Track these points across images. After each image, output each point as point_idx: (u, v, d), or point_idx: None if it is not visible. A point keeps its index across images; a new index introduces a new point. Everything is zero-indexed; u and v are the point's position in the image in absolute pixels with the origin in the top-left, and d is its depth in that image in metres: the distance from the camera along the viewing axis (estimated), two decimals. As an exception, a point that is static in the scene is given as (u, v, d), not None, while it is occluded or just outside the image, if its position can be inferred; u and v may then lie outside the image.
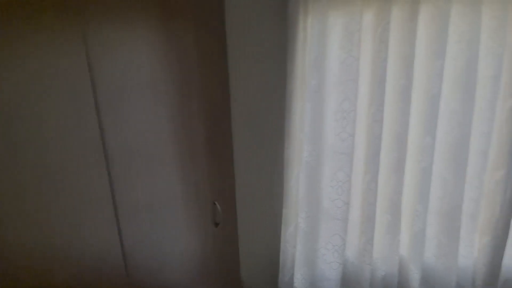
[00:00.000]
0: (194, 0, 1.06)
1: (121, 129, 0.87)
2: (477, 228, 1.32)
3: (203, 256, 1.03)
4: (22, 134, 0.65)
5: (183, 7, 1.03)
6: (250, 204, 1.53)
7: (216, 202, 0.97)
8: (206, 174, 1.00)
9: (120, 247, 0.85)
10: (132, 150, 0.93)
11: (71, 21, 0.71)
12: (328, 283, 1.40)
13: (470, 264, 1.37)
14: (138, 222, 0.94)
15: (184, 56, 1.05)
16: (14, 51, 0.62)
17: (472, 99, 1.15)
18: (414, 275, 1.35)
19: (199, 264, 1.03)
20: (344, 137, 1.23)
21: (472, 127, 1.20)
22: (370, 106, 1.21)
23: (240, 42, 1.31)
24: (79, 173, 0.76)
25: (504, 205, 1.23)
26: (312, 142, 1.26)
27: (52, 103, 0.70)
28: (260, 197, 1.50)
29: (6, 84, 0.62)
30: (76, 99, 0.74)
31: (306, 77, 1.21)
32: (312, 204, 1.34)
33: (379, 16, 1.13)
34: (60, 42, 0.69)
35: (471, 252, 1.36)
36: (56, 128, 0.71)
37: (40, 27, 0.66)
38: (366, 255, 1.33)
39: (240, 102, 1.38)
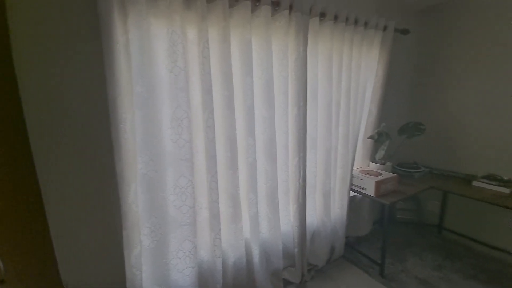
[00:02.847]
0: None
1: None
2: (289, 201, 1.69)
3: None
4: None
5: None
6: (82, 235, 1.16)
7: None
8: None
9: None
10: None
11: None
12: (184, 291, 1.30)
13: (289, 228, 1.74)
14: None
15: None
16: None
17: (273, 108, 1.46)
18: (255, 251, 1.53)
19: None
20: (181, 143, 1.18)
21: (276, 128, 1.53)
22: (203, 113, 1.24)
23: (39, 40, 0.96)
24: None
25: (300, 180, 1.64)
26: (147, 152, 1.12)
27: None
28: (93, 225, 1.17)
29: None
30: None
31: (132, 83, 1.06)
32: (157, 217, 1.19)
33: (200, 34, 1.18)
34: None
35: (288, 219, 1.72)
36: None
37: None
38: (216, 249, 1.35)
39: (46, 114, 1.00)
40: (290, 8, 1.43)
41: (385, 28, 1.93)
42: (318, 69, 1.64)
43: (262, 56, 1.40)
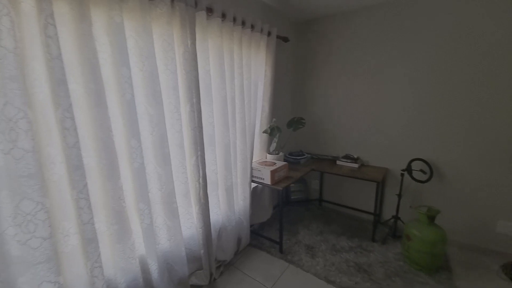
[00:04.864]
0: None
1: None
2: (191, 203, 1.60)
3: None
4: None
5: None
6: None
7: None
8: None
9: None
10: None
11: None
12: None
13: (193, 231, 1.66)
14: None
15: None
16: None
17: (161, 105, 1.31)
18: (153, 267, 1.35)
19: None
20: (18, 154, 0.85)
21: (168, 127, 1.39)
22: (56, 112, 0.94)
23: None
24: None
25: (200, 180, 1.58)
26: None
27: None
28: None
29: None
30: None
31: None
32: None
33: (40, 6, 0.87)
34: None
35: (191, 222, 1.63)
36: None
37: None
38: (97, 280, 1.09)
39: None
40: (172, -5, 1.31)
41: (269, 34, 2.13)
42: (210, 66, 1.60)
43: (142, 45, 1.21)
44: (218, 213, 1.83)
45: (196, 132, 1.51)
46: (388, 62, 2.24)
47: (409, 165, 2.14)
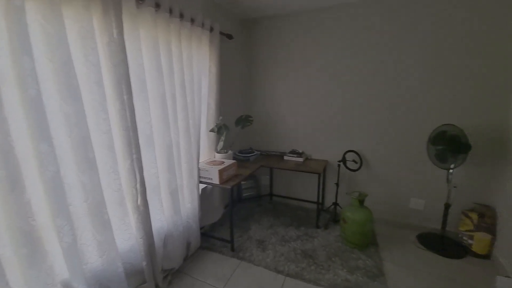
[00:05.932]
0: None
1: None
2: (127, 212, 1.45)
3: None
4: None
5: None
6: None
7: None
8: None
9: None
10: None
11: None
12: None
13: (133, 243, 1.51)
14: None
15: None
16: None
17: (80, 101, 1.14)
18: (80, 291, 1.18)
19: None
20: None
21: (92, 128, 1.22)
22: None
23: None
24: None
25: (138, 185, 1.44)
26: None
27: None
28: None
29: None
30: None
31: None
32: None
33: None
34: None
35: (129, 233, 1.48)
36: None
37: None
38: (-2, 319, 0.89)
39: None
40: (89, -24, 1.15)
41: (211, 29, 2.09)
42: (143, 59, 1.47)
43: (51, 31, 1.03)
44: (162, 220, 1.71)
45: (129, 132, 1.37)
46: (330, 64, 2.47)
47: (343, 156, 2.41)
